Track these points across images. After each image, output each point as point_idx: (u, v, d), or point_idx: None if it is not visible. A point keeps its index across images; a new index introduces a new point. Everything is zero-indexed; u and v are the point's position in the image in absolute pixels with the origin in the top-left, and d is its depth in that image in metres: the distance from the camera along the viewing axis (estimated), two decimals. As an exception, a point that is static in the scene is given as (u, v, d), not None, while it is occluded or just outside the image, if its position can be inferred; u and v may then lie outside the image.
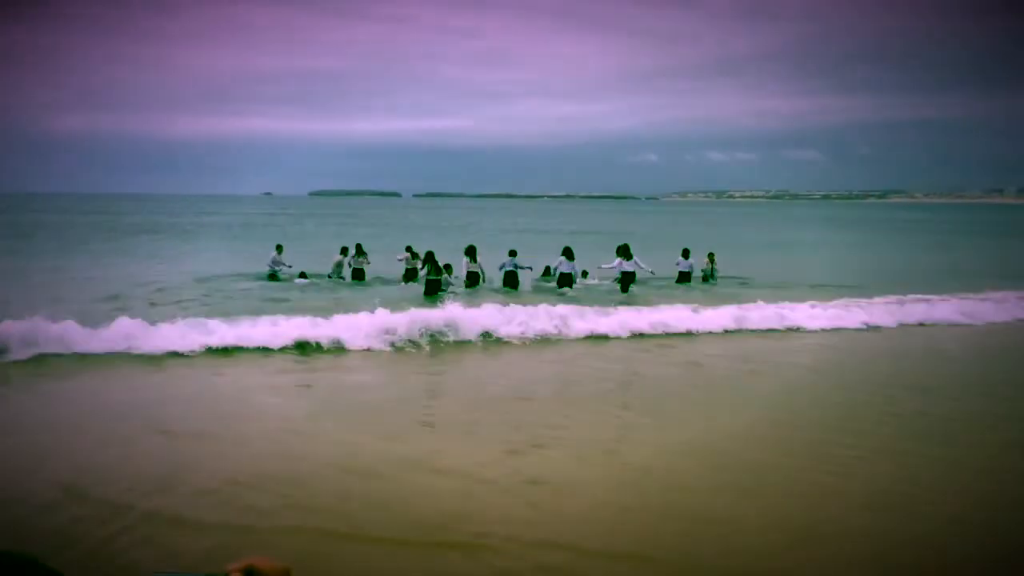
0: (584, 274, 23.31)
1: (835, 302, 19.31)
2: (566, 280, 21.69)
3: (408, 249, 22.96)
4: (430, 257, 20.44)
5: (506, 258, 22.04)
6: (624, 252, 21.52)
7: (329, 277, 23.46)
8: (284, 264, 23.67)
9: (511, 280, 21.70)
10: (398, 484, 7.36)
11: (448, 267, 21.01)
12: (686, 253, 23.93)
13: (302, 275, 23.42)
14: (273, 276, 23.41)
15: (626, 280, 21.39)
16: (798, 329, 16.28)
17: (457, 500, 7.03)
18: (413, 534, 6.27)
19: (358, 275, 23.24)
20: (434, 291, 19.81)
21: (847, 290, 21.85)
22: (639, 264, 21.63)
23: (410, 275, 22.09)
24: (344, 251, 23.94)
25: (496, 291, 21.17)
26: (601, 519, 6.69)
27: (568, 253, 21.89)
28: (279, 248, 24.15)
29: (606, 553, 6.01)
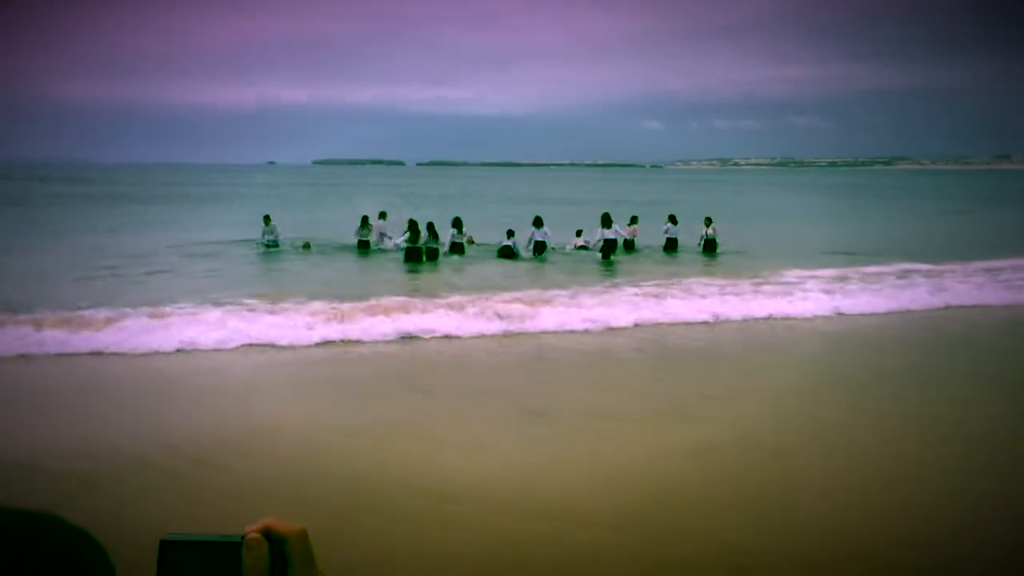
0: (579, 233, 23.58)
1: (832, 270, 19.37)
2: (540, 247, 22.09)
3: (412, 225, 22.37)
4: (412, 226, 20.80)
5: (537, 230, 22.35)
6: (605, 221, 21.83)
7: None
8: (273, 235, 22.97)
9: (507, 252, 22.00)
10: (407, 457, 7.47)
11: (432, 227, 21.18)
12: (673, 219, 23.58)
13: (306, 246, 23.26)
14: (273, 244, 22.90)
15: (607, 248, 21.56)
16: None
17: (467, 471, 7.13)
18: (418, 502, 6.39)
19: (364, 246, 22.78)
20: (415, 258, 20.29)
21: (847, 258, 21.66)
22: (619, 232, 21.93)
23: (432, 253, 21.44)
24: (382, 215, 23.52)
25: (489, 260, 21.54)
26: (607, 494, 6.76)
27: (538, 222, 22.35)
28: (266, 219, 23.35)
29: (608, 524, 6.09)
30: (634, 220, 23.95)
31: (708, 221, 23.33)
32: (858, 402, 9.22)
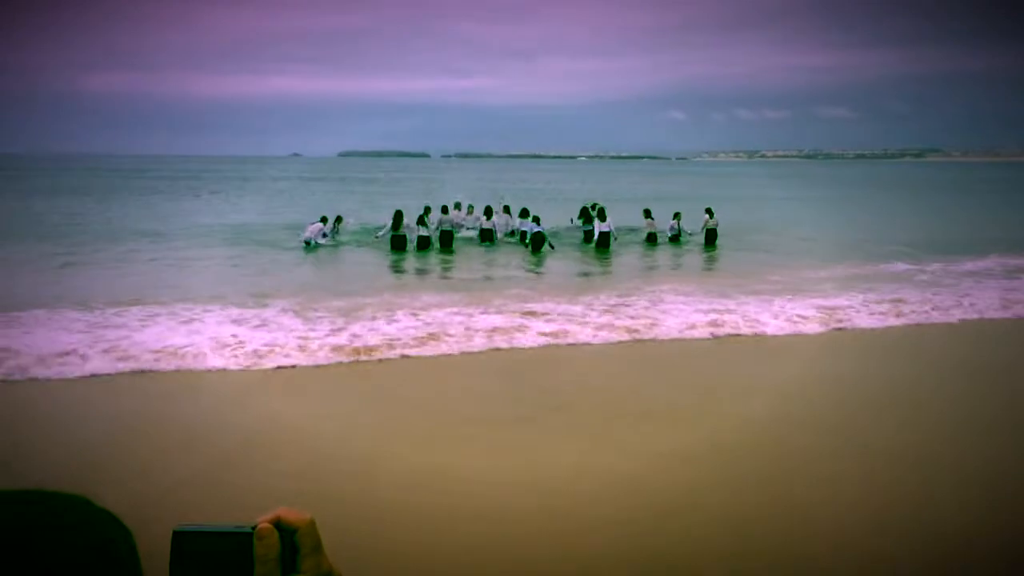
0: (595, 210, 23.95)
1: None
2: (538, 240, 21.71)
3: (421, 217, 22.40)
4: (398, 216, 21.70)
5: (528, 223, 22.52)
6: (599, 214, 23.05)
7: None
8: (324, 234, 22.27)
9: (536, 243, 21.84)
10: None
11: (422, 219, 22.00)
12: (678, 216, 24.41)
13: (337, 220, 23.47)
14: (308, 243, 21.98)
15: (602, 240, 22.38)
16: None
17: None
18: (424, 499, 6.39)
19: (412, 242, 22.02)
20: (400, 247, 21.33)
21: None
22: (610, 225, 22.58)
23: (423, 242, 21.63)
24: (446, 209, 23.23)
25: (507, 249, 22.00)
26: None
27: (524, 213, 23.38)
28: (325, 220, 22.81)
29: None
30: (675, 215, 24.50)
31: (710, 212, 24.16)
32: (877, 411, 8.90)
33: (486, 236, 22.94)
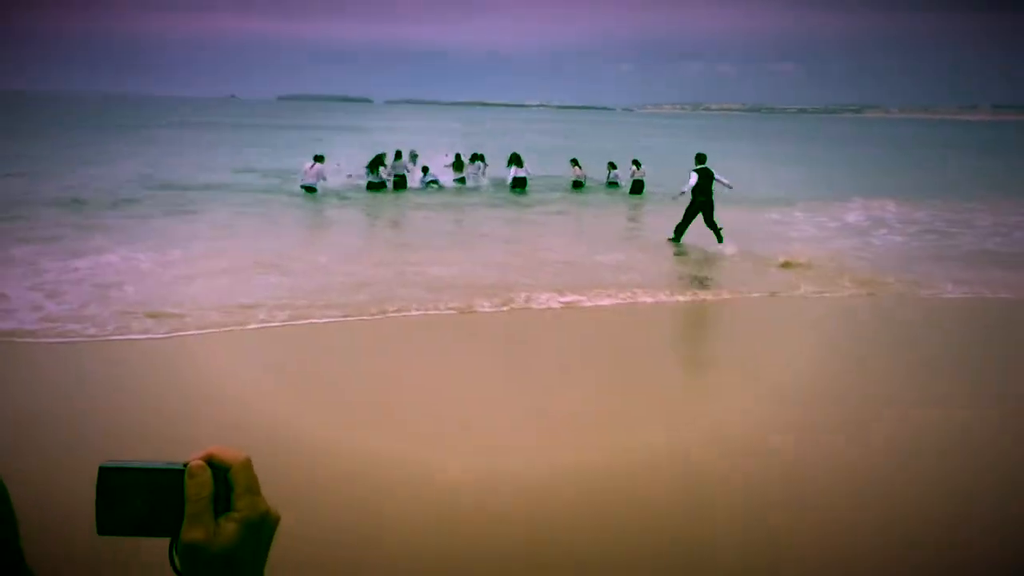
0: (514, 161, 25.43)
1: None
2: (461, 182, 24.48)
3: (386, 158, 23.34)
4: (377, 159, 22.86)
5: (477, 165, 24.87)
6: (516, 160, 24.95)
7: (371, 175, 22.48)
8: (323, 178, 21.07)
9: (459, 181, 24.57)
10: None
11: (381, 158, 23.12)
12: (612, 165, 26.49)
13: (317, 159, 21.37)
14: (310, 189, 21.02)
15: (516, 183, 24.61)
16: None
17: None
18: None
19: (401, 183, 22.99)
20: (377, 189, 22.59)
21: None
22: (528, 171, 24.95)
23: (373, 186, 22.39)
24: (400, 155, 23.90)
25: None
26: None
27: (460, 161, 24.90)
28: (320, 158, 21.40)
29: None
30: (636, 163, 25.69)
31: (636, 163, 25.31)
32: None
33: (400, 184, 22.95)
